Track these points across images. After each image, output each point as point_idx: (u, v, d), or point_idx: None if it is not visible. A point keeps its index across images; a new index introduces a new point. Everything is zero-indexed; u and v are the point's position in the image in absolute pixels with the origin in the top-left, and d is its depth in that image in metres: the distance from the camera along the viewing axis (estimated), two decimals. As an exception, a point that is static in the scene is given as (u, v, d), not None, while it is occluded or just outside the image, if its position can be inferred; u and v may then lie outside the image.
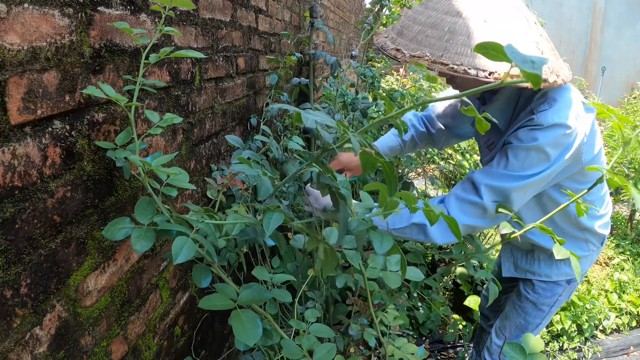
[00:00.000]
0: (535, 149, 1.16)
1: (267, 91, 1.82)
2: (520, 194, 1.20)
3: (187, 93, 1.07)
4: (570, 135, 1.17)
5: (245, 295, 0.79)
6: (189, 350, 1.18)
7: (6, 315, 0.55)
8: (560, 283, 1.49)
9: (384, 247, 0.76)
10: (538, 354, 0.80)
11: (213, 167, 1.27)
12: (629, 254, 3.19)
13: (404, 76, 4.58)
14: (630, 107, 4.93)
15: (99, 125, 0.73)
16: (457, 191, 1.26)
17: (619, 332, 2.70)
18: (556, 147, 1.17)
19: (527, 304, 1.53)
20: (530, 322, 1.54)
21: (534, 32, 1.12)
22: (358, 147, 0.66)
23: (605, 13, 8.12)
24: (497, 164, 1.22)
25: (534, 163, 1.18)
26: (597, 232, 1.44)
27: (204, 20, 1.15)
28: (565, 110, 1.17)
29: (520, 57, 0.46)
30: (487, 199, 1.20)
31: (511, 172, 1.19)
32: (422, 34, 1.15)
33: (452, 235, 1.18)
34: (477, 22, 1.09)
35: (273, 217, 0.74)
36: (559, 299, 1.51)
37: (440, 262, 2.78)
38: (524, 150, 1.17)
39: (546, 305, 1.52)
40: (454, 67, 1.07)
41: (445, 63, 1.08)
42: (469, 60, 1.07)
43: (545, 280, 1.48)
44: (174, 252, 0.65)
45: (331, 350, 0.91)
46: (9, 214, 0.55)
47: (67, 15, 0.64)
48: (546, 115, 1.15)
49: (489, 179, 1.20)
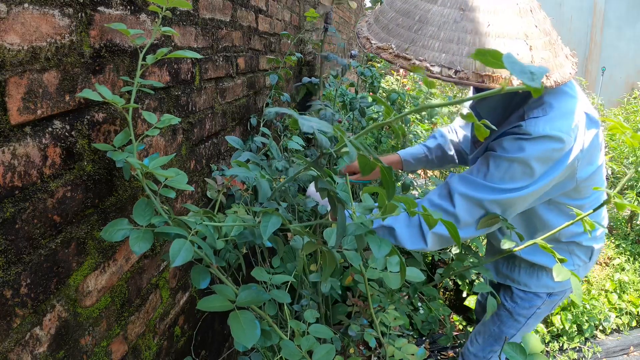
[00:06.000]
0: (520, 162, 1.02)
1: (267, 91, 1.82)
2: (497, 208, 1.07)
3: (187, 93, 1.07)
4: (562, 151, 1.02)
5: (244, 297, 0.79)
6: (189, 350, 1.18)
7: (6, 315, 0.55)
8: (540, 295, 1.38)
9: (381, 252, 0.75)
10: (538, 354, 0.80)
11: (213, 167, 1.27)
12: (629, 254, 3.19)
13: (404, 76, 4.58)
14: (630, 107, 4.92)
15: (99, 125, 0.73)
16: (431, 196, 1.15)
17: (619, 332, 2.70)
18: (544, 162, 1.02)
19: (504, 312, 1.43)
20: (504, 331, 1.44)
21: (525, 22, 0.96)
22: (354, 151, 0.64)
23: (605, 13, 8.12)
24: (477, 171, 1.09)
25: (516, 177, 1.04)
26: (583, 244, 1.30)
27: (204, 20, 1.14)
28: (561, 120, 1.02)
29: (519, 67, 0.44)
30: (459, 208, 1.08)
31: (489, 182, 1.06)
32: (393, 21, 1.01)
33: (421, 242, 1.10)
34: (453, 10, 0.95)
35: (270, 221, 0.74)
36: (537, 311, 1.40)
37: (440, 263, 2.78)
38: (507, 161, 1.04)
39: (522, 317, 1.41)
40: (416, 62, 0.94)
41: (408, 58, 0.95)
42: (435, 55, 0.94)
43: (524, 290, 1.38)
44: (172, 254, 0.65)
45: (330, 351, 0.91)
46: (9, 214, 0.55)
47: (67, 15, 0.64)
48: (537, 124, 1.01)
49: (464, 186, 1.09)
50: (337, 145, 0.71)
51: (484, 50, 0.46)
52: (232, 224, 0.79)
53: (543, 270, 1.33)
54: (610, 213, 3.72)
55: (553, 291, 1.36)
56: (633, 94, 5.32)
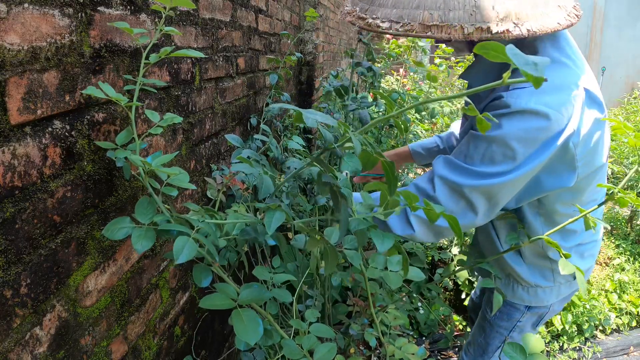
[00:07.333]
0: (497, 142, 0.90)
1: (267, 91, 1.82)
2: (479, 196, 0.95)
3: (187, 93, 1.07)
4: (549, 131, 0.88)
5: (246, 295, 0.79)
6: (189, 350, 1.18)
7: (6, 315, 0.55)
8: (518, 307, 1.31)
9: (385, 245, 0.76)
10: (538, 354, 0.80)
11: (213, 167, 1.27)
12: (629, 254, 3.19)
13: (404, 76, 4.58)
14: (630, 107, 4.93)
15: (99, 125, 0.73)
16: (418, 179, 1.06)
17: (619, 332, 2.70)
18: (527, 143, 0.89)
19: (485, 323, 1.40)
20: (489, 343, 1.40)
21: None
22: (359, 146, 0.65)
23: (605, 13, 8.12)
24: (459, 153, 0.99)
25: (496, 159, 0.91)
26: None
27: (204, 20, 1.14)
28: (552, 94, 0.87)
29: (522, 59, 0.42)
30: (439, 192, 0.98)
31: (469, 165, 0.94)
32: None
33: (409, 228, 1.02)
34: None
35: (275, 216, 0.74)
36: (517, 324, 1.33)
37: (440, 263, 2.78)
38: (485, 141, 0.92)
39: (503, 329, 1.35)
40: (369, 21, 0.89)
41: (363, 17, 0.91)
42: (387, 12, 0.89)
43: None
44: (175, 252, 0.65)
45: (331, 350, 0.91)
46: (9, 214, 0.55)
47: (67, 15, 0.64)
48: (520, 96, 0.87)
49: (445, 169, 0.99)
50: (341, 139, 0.71)
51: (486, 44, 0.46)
52: (234, 221, 0.79)
53: (517, 284, 1.29)
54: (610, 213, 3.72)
55: (530, 304, 1.30)
56: (633, 94, 5.32)
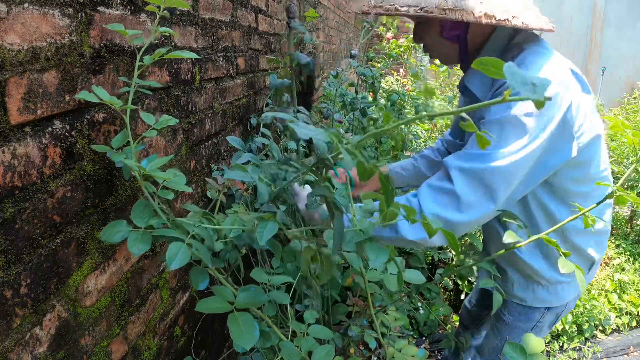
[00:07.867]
0: (509, 121, 1.00)
1: (267, 91, 1.82)
2: (498, 179, 1.01)
3: (187, 93, 1.07)
4: (551, 106, 1.00)
5: (243, 298, 0.79)
6: (189, 350, 1.18)
7: (6, 315, 0.55)
8: (538, 308, 1.31)
9: (379, 260, 0.74)
10: (538, 354, 0.80)
11: (213, 167, 1.27)
12: (629, 254, 3.19)
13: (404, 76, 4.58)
14: (630, 107, 4.92)
15: (99, 125, 0.73)
16: (430, 180, 1.11)
17: (619, 332, 2.70)
18: (535, 116, 1.00)
19: (503, 325, 1.39)
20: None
21: None
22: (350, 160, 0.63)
23: (605, 13, 8.11)
24: (471, 145, 1.07)
25: (510, 138, 1.00)
26: (587, 254, 1.25)
27: (203, 20, 1.14)
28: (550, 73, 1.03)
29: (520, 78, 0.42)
30: (458, 184, 1.02)
31: (485, 151, 1.01)
32: None
33: (422, 231, 1.02)
34: None
35: (267, 227, 0.74)
36: (537, 324, 1.33)
37: (440, 263, 2.78)
38: (497, 123, 1.01)
39: (522, 330, 1.35)
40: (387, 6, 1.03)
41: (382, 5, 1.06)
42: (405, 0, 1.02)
43: (521, 304, 1.32)
44: (168, 258, 0.65)
45: (330, 352, 0.91)
46: (9, 214, 0.55)
47: (67, 15, 0.64)
48: None
49: (460, 161, 1.04)
50: (335, 150, 0.70)
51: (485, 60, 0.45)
52: (230, 227, 0.79)
53: (538, 284, 1.28)
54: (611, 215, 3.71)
55: (551, 305, 1.30)
56: (633, 94, 5.31)
